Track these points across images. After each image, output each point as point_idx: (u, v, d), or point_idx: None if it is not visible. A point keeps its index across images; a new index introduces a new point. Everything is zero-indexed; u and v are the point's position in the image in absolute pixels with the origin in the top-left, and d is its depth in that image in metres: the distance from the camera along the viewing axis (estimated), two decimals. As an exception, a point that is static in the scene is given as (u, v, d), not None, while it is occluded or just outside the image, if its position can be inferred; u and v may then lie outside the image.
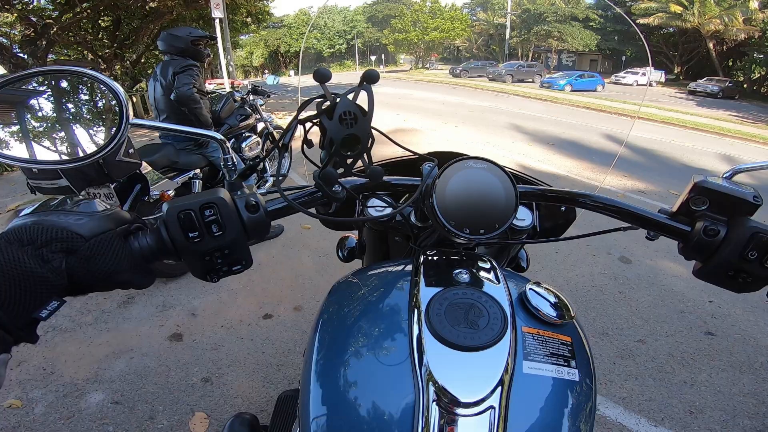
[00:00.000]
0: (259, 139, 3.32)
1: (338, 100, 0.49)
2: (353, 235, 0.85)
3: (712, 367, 1.89)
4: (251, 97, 3.31)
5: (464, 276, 0.48)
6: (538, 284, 0.50)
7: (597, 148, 5.99)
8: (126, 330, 2.11)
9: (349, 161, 0.49)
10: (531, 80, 21.61)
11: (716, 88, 20.66)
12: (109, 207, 0.45)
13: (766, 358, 1.97)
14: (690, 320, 2.21)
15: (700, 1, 23.75)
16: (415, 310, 0.44)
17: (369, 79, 0.48)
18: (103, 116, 0.50)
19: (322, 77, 0.47)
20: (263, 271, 2.60)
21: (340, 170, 0.50)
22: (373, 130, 0.51)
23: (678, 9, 23.88)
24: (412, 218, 0.60)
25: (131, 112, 0.47)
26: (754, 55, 23.58)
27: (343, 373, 0.42)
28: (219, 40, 8.91)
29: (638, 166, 5.40)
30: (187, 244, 0.44)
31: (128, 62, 11.88)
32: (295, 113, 0.50)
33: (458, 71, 25.27)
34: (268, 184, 3.38)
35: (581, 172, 4.62)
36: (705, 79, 22.49)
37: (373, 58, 38.17)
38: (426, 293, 0.46)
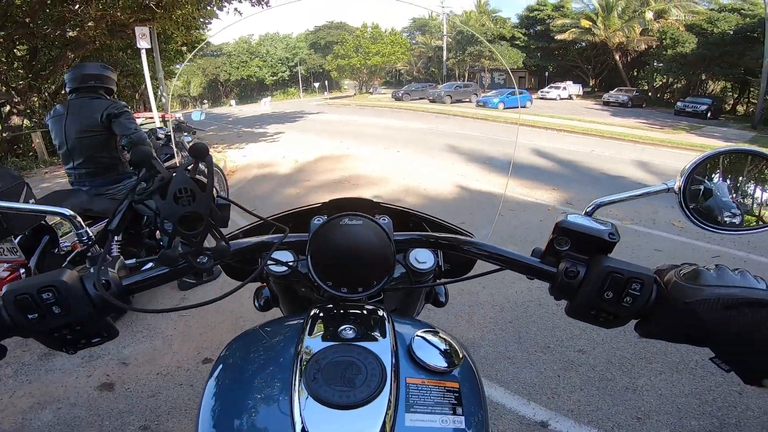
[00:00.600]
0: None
1: (173, 175, 0.47)
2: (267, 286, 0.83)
3: (650, 371, 1.97)
4: (176, 135, 3.09)
5: (349, 332, 0.48)
6: (428, 331, 0.50)
7: (527, 163, 6.48)
8: (50, 381, 1.97)
9: (195, 239, 0.47)
10: (468, 100, 22.60)
11: (626, 98, 22.90)
12: None
13: (699, 356, 2.04)
14: (624, 326, 2.44)
15: (604, 16, 26.19)
16: (297, 369, 0.44)
17: (200, 153, 0.46)
18: None
19: (200, 152, 0.46)
20: (201, 315, 2.49)
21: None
22: (225, 201, 0.50)
23: (587, 24, 26.23)
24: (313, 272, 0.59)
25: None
26: (654, 63, 26.21)
27: None
28: (146, 70, 8.53)
29: (565, 178, 5.91)
30: (28, 324, 0.44)
31: (46, 94, 10.83)
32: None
33: (400, 94, 25.93)
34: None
35: (514, 189, 4.97)
36: (616, 89, 24.72)
37: (316, 84, 38.31)
38: (309, 350, 0.46)
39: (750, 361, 0.36)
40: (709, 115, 19.20)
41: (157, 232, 2.77)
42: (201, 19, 10.71)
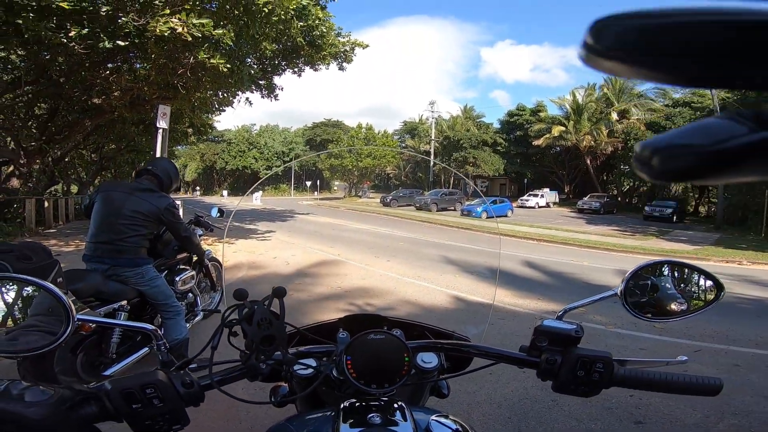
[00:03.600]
0: (193, 272, 3.21)
1: (255, 307, 0.64)
2: (285, 384, 0.94)
3: None
4: (192, 227, 3.20)
5: (376, 419, 0.59)
6: (441, 415, 0.62)
7: (514, 274, 6.71)
8: None
9: (268, 353, 0.65)
10: (453, 208, 23.43)
11: (598, 205, 24.36)
12: (53, 391, 0.54)
13: None
14: (618, 414, 2.44)
15: (576, 119, 28.06)
16: None
17: (279, 294, 0.65)
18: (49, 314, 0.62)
19: (240, 296, 0.64)
20: (209, 410, 2.37)
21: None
22: (289, 326, 0.68)
23: (559, 130, 27.81)
24: (334, 372, 0.71)
25: (74, 312, 0.60)
26: (621, 167, 27.85)
27: None
28: (158, 152, 8.35)
29: (549, 288, 6.11)
30: (132, 411, 0.55)
31: (50, 159, 10.83)
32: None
33: (388, 200, 26.77)
34: (198, 318, 3.23)
35: (503, 299, 5.09)
36: (588, 196, 26.22)
37: (308, 183, 39.66)
38: None
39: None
40: (674, 218, 20.48)
41: (156, 319, 2.81)
42: (216, 105, 11.09)
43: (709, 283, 0.76)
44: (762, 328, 4.34)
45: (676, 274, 0.78)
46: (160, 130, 8.09)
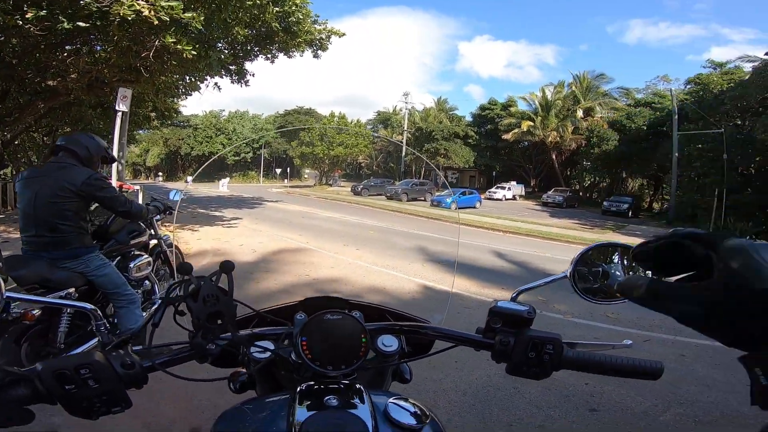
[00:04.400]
0: (150, 258, 3.05)
1: (202, 283, 0.62)
2: (244, 369, 0.91)
3: None
4: (145, 207, 2.99)
5: (333, 401, 0.59)
6: (400, 398, 0.62)
7: (479, 265, 6.90)
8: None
9: (215, 332, 0.62)
10: (423, 198, 23.64)
11: (560, 198, 25.35)
12: None
13: (646, 423, 2.36)
14: (575, 401, 2.58)
15: (543, 115, 29.00)
16: None
17: (227, 269, 0.63)
18: None
19: (185, 270, 0.62)
20: (148, 392, 2.25)
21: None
22: (247, 308, 0.65)
23: (529, 124, 28.69)
24: (293, 356, 0.70)
25: (2, 289, 0.57)
26: (584, 163, 29.12)
27: None
28: (116, 135, 8.01)
29: (512, 278, 6.34)
30: (64, 393, 0.53)
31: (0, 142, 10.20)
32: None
33: (359, 189, 26.67)
34: (154, 307, 3.10)
35: (469, 288, 5.23)
36: (553, 190, 27.28)
37: (278, 170, 38.81)
38: (300, 417, 0.55)
39: None
40: (630, 213, 21.60)
41: (108, 308, 2.65)
42: (182, 89, 10.65)
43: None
44: None
45: (624, 258, 0.80)
46: (119, 114, 7.81)
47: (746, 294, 0.30)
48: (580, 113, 28.52)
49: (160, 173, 44.24)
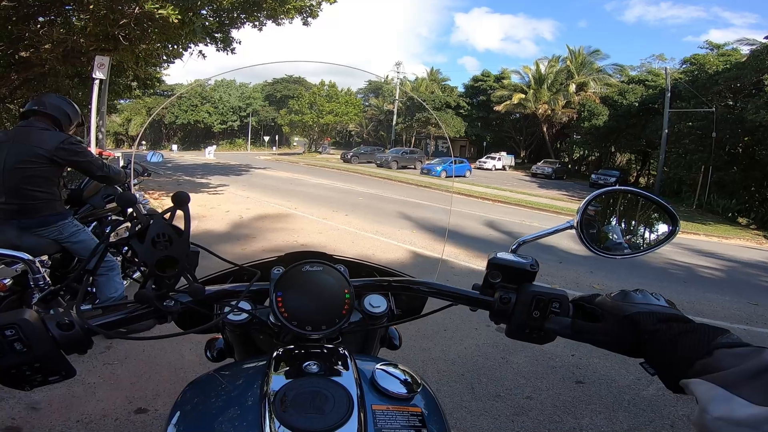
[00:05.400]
0: (128, 223, 3.00)
1: (151, 221, 0.50)
2: (221, 336, 0.83)
3: (591, 411, 2.20)
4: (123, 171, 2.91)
5: (313, 367, 0.51)
6: (388, 364, 0.55)
7: (469, 233, 6.91)
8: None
9: (169, 281, 0.51)
10: (413, 166, 23.59)
11: (550, 170, 25.50)
12: None
13: (630, 396, 2.36)
14: (561, 373, 2.58)
15: (536, 88, 28.86)
16: (266, 403, 0.46)
17: (181, 201, 0.51)
18: None
19: (128, 202, 0.52)
20: (130, 366, 2.28)
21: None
22: (199, 248, 0.54)
23: (520, 96, 28.63)
24: (271, 318, 0.62)
25: None
26: (574, 136, 29.33)
27: None
28: (94, 103, 7.78)
29: (501, 247, 6.15)
30: None
31: None
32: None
33: (349, 156, 26.47)
34: (137, 275, 3.02)
35: (458, 256, 5.24)
36: (542, 161, 27.45)
37: (266, 138, 38.13)
38: (276, 385, 0.48)
39: (671, 366, 0.44)
40: (617, 186, 22.07)
41: (85, 276, 2.52)
42: (165, 57, 10.13)
43: (665, 215, 0.70)
44: (688, 294, 4.69)
45: (633, 205, 0.73)
46: (97, 81, 7.54)
47: (621, 320, 0.50)
48: (573, 87, 28.39)
49: (144, 142, 43.34)
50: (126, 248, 0.51)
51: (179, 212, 0.53)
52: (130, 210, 3.14)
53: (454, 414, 2.10)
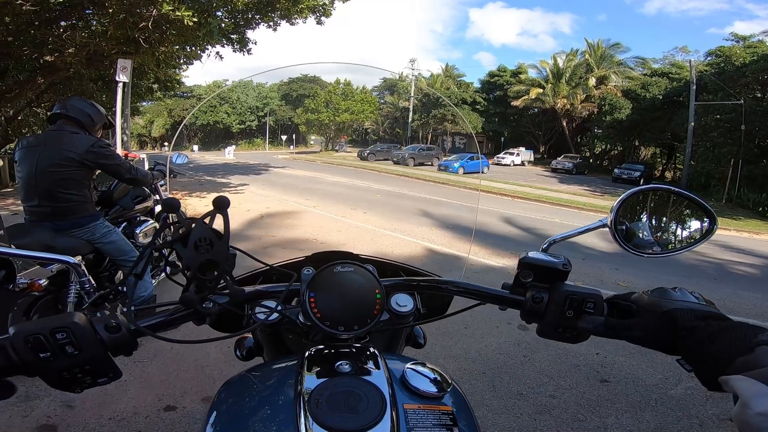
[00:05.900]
0: (156, 224, 3.02)
1: (193, 225, 0.52)
2: (251, 335, 0.84)
3: (616, 410, 2.15)
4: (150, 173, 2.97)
5: (345, 366, 0.53)
6: (417, 363, 0.56)
7: (489, 230, 6.84)
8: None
9: (210, 284, 0.52)
10: (430, 163, 23.51)
11: (570, 165, 24.81)
12: None
13: (657, 395, 2.31)
14: (585, 372, 2.53)
15: (554, 83, 28.24)
16: (300, 402, 0.47)
17: (221, 206, 0.52)
18: None
19: (171, 207, 0.53)
20: (159, 364, 2.35)
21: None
22: (236, 251, 0.56)
23: (537, 92, 28.04)
24: (300, 318, 0.62)
25: None
26: (595, 130, 28.51)
27: None
28: (118, 106, 8.02)
29: (523, 245, 6.26)
30: (39, 362, 0.45)
31: (2, 117, 10.21)
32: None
33: (366, 154, 26.61)
34: (162, 276, 3.00)
35: (477, 253, 5.21)
36: (562, 156, 26.74)
37: (284, 137, 38.61)
38: (310, 385, 0.49)
39: (709, 363, 0.44)
40: (641, 181, 21.24)
41: (117, 275, 2.64)
42: (183, 59, 10.31)
43: (702, 213, 0.69)
44: (719, 291, 4.52)
45: (668, 204, 0.71)
46: (120, 84, 7.73)
47: (660, 316, 0.50)
48: (592, 81, 27.59)
49: (166, 143, 44.41)
50: (165, 251, 0.53)
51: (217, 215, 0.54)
52: (157, 211, 3.24)
53: (476, 412, 2.12)
